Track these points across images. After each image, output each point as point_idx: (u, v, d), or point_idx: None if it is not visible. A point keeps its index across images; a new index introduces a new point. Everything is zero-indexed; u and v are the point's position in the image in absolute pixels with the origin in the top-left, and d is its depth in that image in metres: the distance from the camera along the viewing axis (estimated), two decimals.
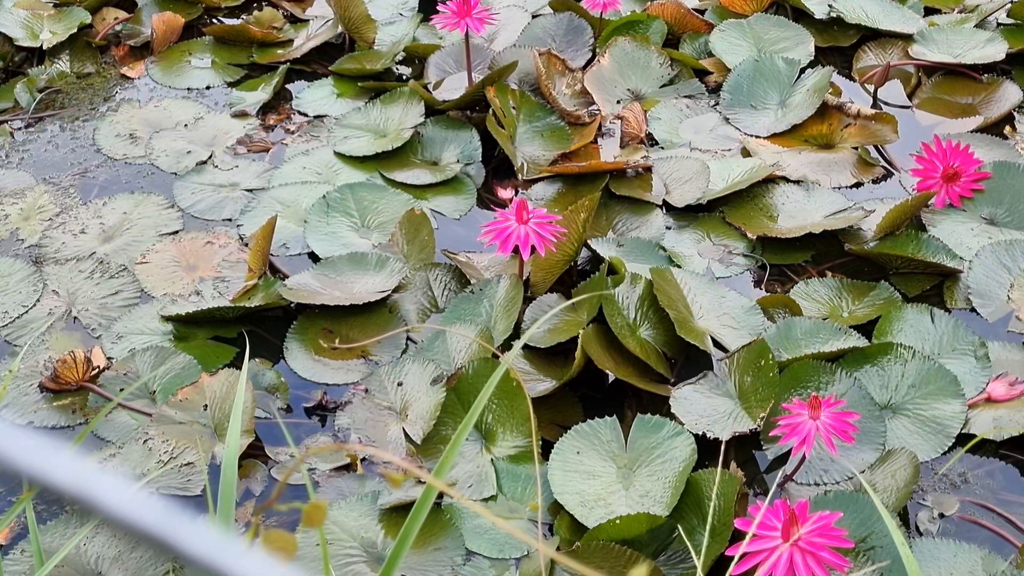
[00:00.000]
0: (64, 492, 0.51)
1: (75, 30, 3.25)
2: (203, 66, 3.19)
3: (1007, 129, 2.80)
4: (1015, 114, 2.85)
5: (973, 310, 2.30)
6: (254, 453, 2.05)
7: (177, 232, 2.58)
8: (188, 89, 3.11)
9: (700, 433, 1.97)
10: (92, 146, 2.88)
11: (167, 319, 2.32)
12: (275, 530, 0.75)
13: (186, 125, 2.93)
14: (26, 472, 0.52)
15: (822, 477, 1.95)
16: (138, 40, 3.29)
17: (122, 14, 3.35)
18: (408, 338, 2.26)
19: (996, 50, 2.99)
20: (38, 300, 2.40)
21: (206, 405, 2.09)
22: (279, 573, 0.49)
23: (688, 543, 1.74)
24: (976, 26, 3.12)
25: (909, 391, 2.08)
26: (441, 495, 1.94)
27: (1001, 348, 2.19)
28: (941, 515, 1.93)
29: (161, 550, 0.51)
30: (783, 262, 2.45)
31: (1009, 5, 3.17)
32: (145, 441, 2.05)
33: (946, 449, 2.01)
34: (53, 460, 0.51)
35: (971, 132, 2.78)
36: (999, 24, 3.17)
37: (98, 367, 2.19)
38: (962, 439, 2.01)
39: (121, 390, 2.16)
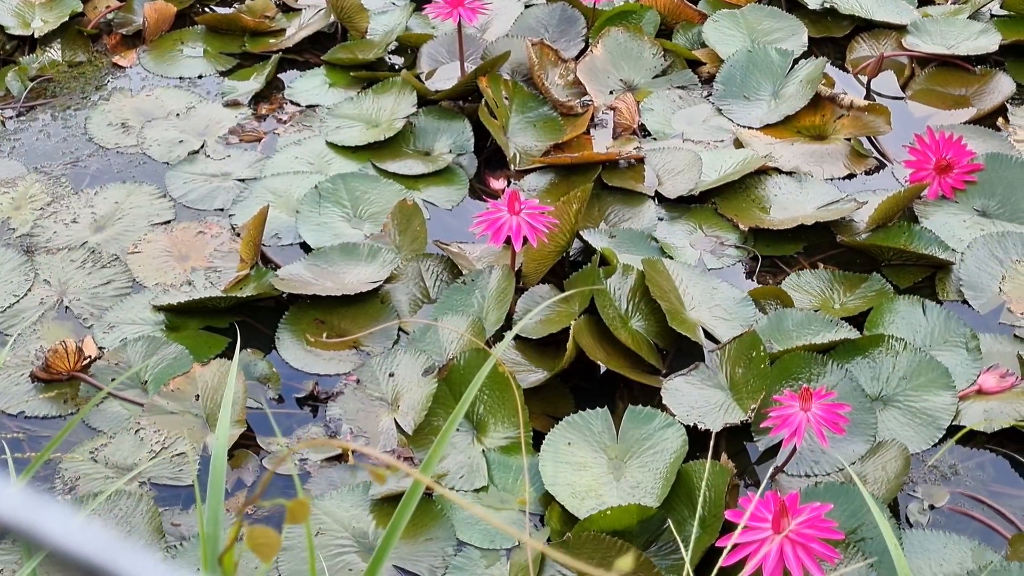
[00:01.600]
0: (6, 524, 0.50)
1: (67, 18, 3.24)
2: (195, 55, 3.18)
3: (1000, 121, 2.80)
4: (1008, 106, 2.85)
5: (965, 302, 2.30)
6: (246, 443, 2.05)
7: (169, 222, 2.58)
8: (180, 78, 3.10)
9: (691, 424, 1.97)
10: (84, 135, 2.88)
11: (159, 309, 2.31)
12: (258, 527, 0.75)
13: (178, 114, 2.92)
14: None
15: (813, 469, 1.96)
16: (130, 29, 3.28)
17: (114, 2, 3.34)
18: (400, 328, 2.26)
19: (989, 41, 2.99)
20: (29, 290, 2.39)
21: (198, 395, 2.09)
22: None
23: (677, 535, 1.75)
24: (969, 17, 3.12)
25: (900, 383, 2.08)
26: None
27: (992, 340, 2.19)
28: (931, 507, 1.93)
29: None
30: (775, 253, 2.45)
31: None
32: (137, 431, 2.05)
33: (936, 441, 2.01)
34: None
35: (964, 124, 2.78)
36: (992, 15, 3.16)
37: (89, 357, 2.18)
38: (953, 431, 2.01)
39: (113, 380, 2.15)
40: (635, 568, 1.74)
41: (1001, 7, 3.16)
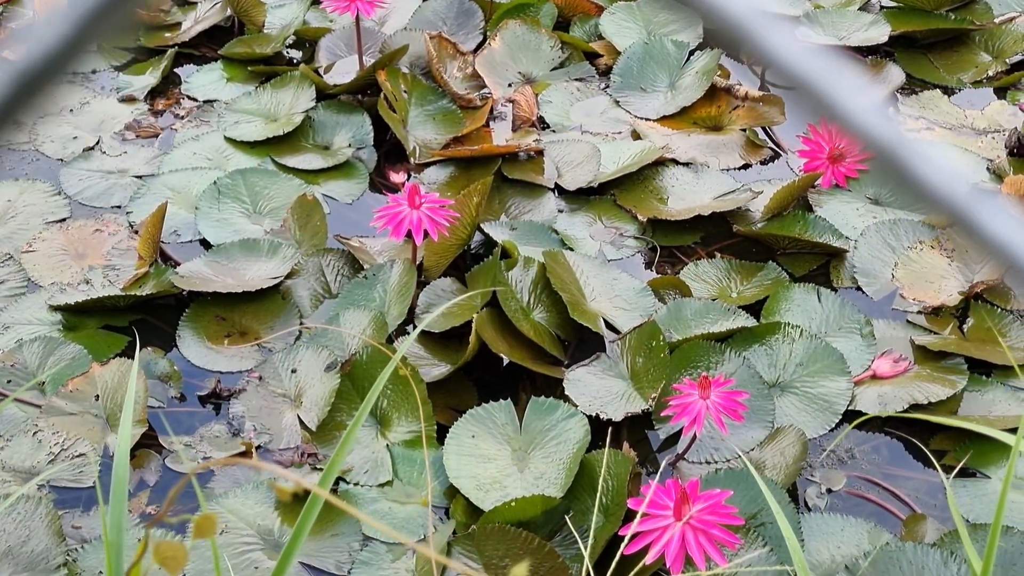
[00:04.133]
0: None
1: None
2: (88, 49, 3.13)
3: (890, 110, 2.86)
4: (898, 95, 2.91)
5: (859, 289, 2.35)
6: (147, 443, 2.03)
7: (64, 220, 2.54)
8: (73, 73, 3.05)
9: (593, 414, 1.99)
10: None
11: (56, 308, 2.28)
12: (165, 542, 0.75)
13: (72, 110, 2.88)
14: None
15: (713, 456, 1.99)
16: (20, 23, 3.22)
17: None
18: (301, 322, 2.26)
19: (879, 32, 3.06)
20: None
21: (97, 395, 2.07)
22: None
23: (578, 526, 1.77)
24: (860, 9, 3.18)
25: (797, 369, 2.12)
26: (338, 481, 1.94)
27: (886, 326, 2.25)
28: (829, 490, 1.98)
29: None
30: (673, 244, 2.48)
31: None
32: (35, 433, 2.01)
33: (833, 426, 2.05)
34: None
35: None
36: (882, 7, 3.23)
37: None
38: (849, 415, 2.06)
39: (8, 381, 2.12)
40: (539, 559, 1.76)
41: None
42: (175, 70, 3.05)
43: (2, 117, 0.50)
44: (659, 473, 1.88)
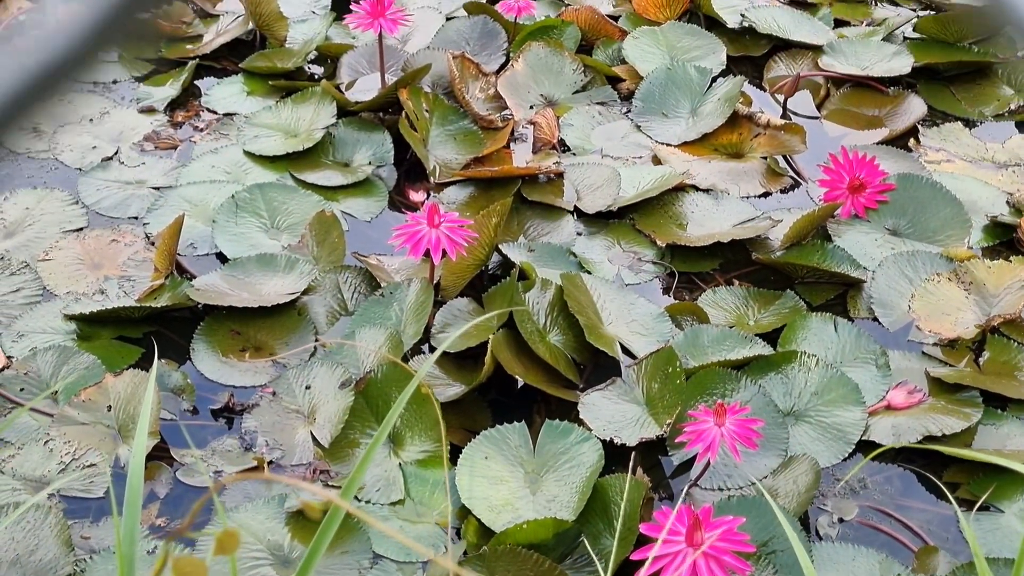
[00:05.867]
0: None
1: None
2: (110, 59, 3.13)
3: (911, 141, 2.86)
4: (919, 127, 2.90)
5: (875, 319, 2.34)
6: (159, 455, 2.02)
7: (81, 229, 2.54)
8: (94, 83, 3.06)
9: (607, 439, 1.98)
10: None
11: (70, 318, 2.28)
12: (185, 557, 0.75)
13: (92, 120, 2.88)
14: None
15: (726, 482, 1.98)
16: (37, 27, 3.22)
17: (27, 4, 3.28)
18: (316, 339, 2.25)
19: (902, 63, 3.05)
20: None
21: (110, 406, 2.06)
22: None
23: (591, 550, 1.76)
24: (884, 39, 3.18)
25: (812, 398, 2.11)
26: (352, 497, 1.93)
27: (901, 357, 2.24)
28: (841, 520, 1.96)
29: None
30: (691, 270, 2.47)
31: (915, 20, 3.24)
32: (46, 442, 2.01)
33: (846, 455, 2.04)
34: None
35: (877, 144, 2.83)
36: (905, 38, 3.23)
37: None
38: (862, 445, 2.05)
39: (21, 390, 2.12)
40: None
41: (914, 30, 3.23)
42: (195, 82, 3.06)
43: (10, 118, 0.50)
44: (675, 500, 1.87)
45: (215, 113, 2.95)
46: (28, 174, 2.72)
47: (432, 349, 2.20)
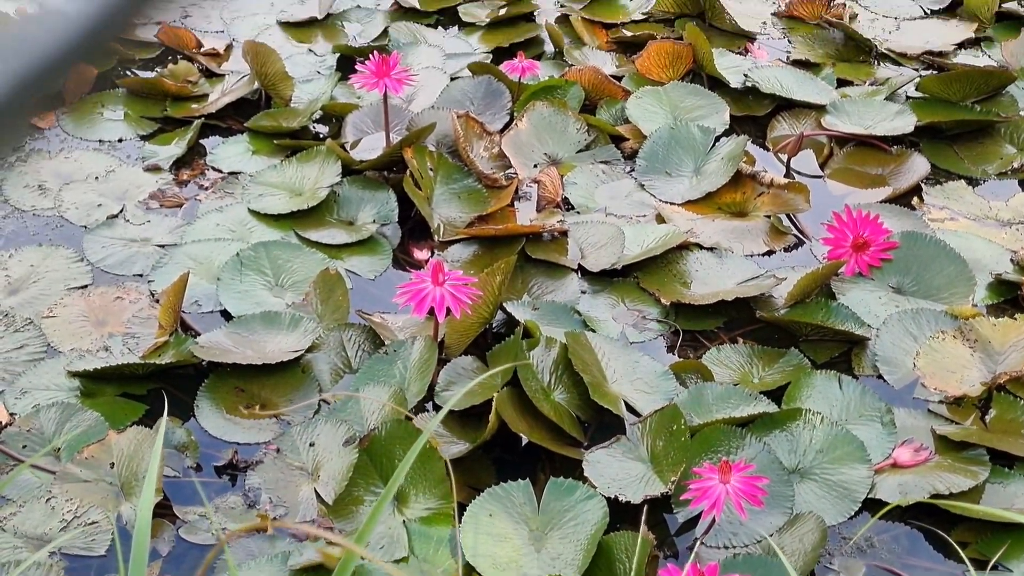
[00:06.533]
0: None
1: None
2: (116, 118, 3.16)
3: (915, 200, 2.86)
4: (923, 185, 2.91)
5: (880, 377, 2.34)
6: (161, 512, 2.01)
7: (86, 286, 2.54)
8: (100, 141, 3.07)
9: (612, 496, 1.97)
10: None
11: (74, 375, 2.28)
12: None
13: (97, 177, 2.90)
14: None
15: (731, 540, 1.97)
16: (49, 90, 3.24)
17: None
18: (320, 394, 2.25)
19: (905, 122, 3.07)
20: None
21: (113, 463, 2.06)
22: None
23: None
24: (886, 99, 3.20)
25: (817, 456, 2.10)
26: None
27: (907, 415, 2.23)
28: None
29: None
30: (696, 328, 2.47)
31: (918, 79, 3.26)
32: (48, 500, 2.00)
33: (853, 513, 2.03)
34: None
35: (880, 202, 2.84)
36: (908, 97, 3.25)
37: (0, 423, 2.14)
38: (868, 504, 2.04)
39: (24, 447, 2.11)
40: None
41: (916, 89, 3.25)
42: (201, 141, 3.07)
43: None
44: (680, 558, 1.86)
45: (220, 172, 2.96)
46: (33, 231, 2.73)
47: (436, 407, 2.20)
